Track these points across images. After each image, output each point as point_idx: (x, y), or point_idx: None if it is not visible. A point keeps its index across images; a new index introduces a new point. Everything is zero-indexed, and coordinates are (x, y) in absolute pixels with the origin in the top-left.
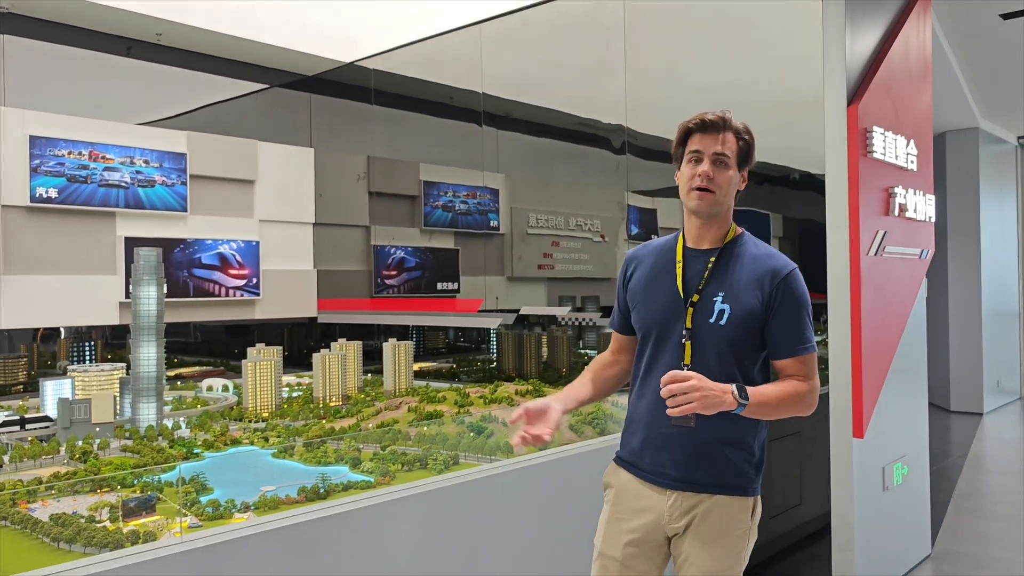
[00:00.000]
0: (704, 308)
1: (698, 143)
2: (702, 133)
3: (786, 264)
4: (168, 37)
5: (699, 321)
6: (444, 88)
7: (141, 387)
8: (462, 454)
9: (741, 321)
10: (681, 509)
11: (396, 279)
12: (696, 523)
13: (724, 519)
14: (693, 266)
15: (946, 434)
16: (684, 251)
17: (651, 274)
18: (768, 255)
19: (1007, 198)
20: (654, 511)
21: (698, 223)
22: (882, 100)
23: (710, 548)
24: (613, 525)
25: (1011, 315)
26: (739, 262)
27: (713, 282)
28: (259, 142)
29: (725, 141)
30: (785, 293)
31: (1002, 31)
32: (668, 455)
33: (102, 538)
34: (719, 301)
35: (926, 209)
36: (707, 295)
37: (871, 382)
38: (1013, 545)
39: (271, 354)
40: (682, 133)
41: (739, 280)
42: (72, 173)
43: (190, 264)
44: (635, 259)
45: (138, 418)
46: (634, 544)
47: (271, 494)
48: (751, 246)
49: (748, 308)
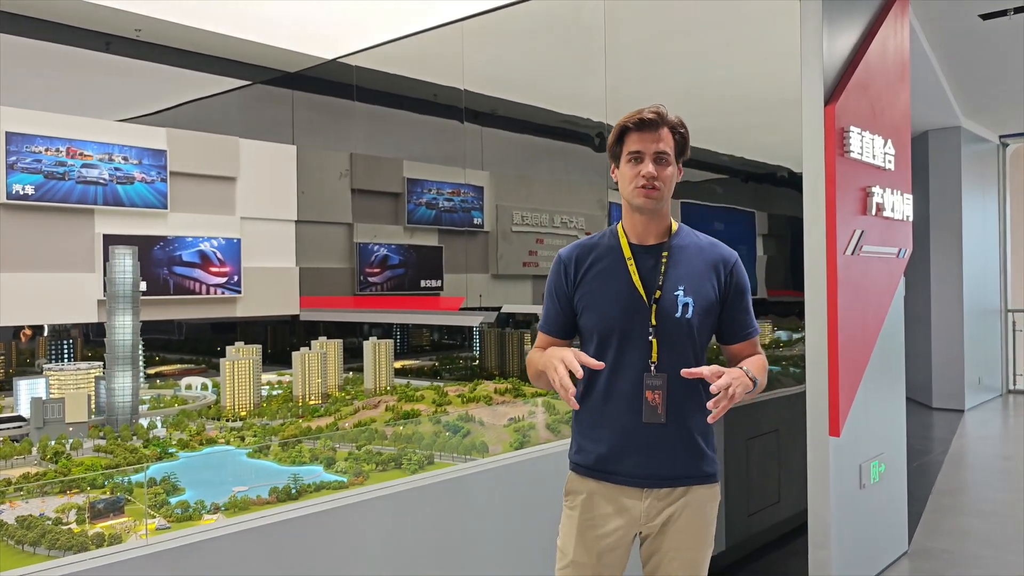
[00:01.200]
0: (667, 303)
1: (637, 142)
2: (640, 132)
3: (731, 253)
4: (147, 33)
5: (664, 317)
6: (427, 85)
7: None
8: (437, 454)
9: (704, 311)
10: (658, 507)
11: (379, 277)
12: (675, 518)
13: (702, 509)
14: (645, 263)
15: (927, 431)
16: (632, 249)
17: (601, 276)
18: (713, 244)
19: (989, 197)
20: (630, 514)
21: (643, 220)
22: (859, 100)
23: (691, 539)
24: (585, 533)
25: (992, 313)
26: (689, 253)
27: (671, 276)
28: (240, 139)
29: (663, 138)
30: (736, 280)
31: (982, 31)
32: (647, 456)
33: (67, 541)
34: (682, 295)
35: (903, 208)
36: (668, 290)
37: (848, 380)
38: (991, 541)
39: (250, 352)
40: (619, 131)
41: (695, 272)
42: (49, 170)
43: (170, 262)
44: (574, 259)
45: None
46: (610, 548)
47: (242, 495)
48: (694, 237)
49: (708, 298)
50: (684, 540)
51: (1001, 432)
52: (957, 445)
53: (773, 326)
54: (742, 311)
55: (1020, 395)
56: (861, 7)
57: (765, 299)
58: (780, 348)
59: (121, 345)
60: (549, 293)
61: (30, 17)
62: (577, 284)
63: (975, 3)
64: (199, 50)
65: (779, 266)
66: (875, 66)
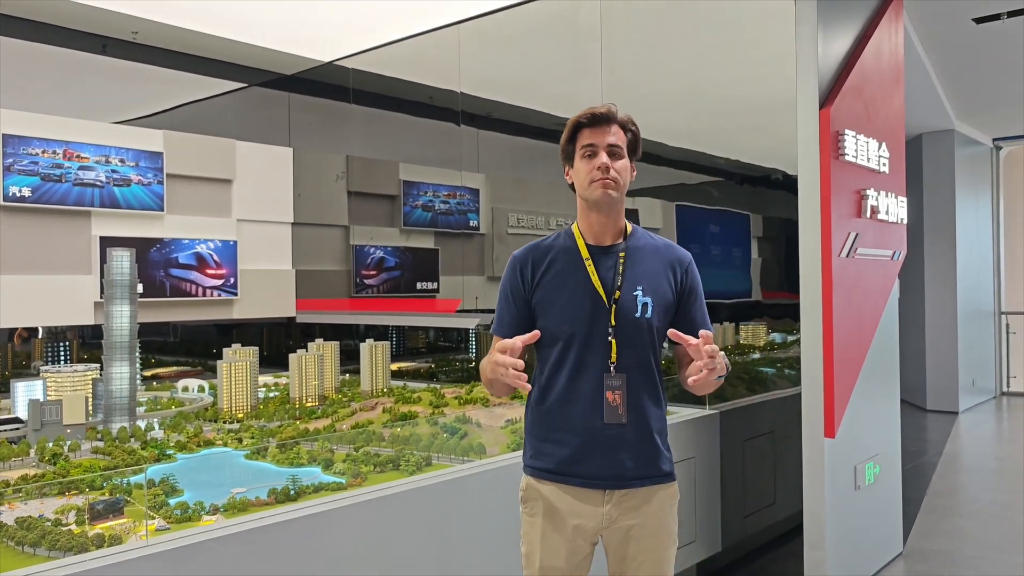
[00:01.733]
0: (627, 304)
1: (590, 137)
2: (592, 127)
3: (686, 253)
4: (144, 35)
5: (623, 317)
6: (423, 87)
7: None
8: (435, 455)
9: (662, 311)
10: (620, 509)
11: (375, 279)
12: (639, 526)
13: (663, 512)
14: (604, 264)
15: (922, 433)
16: (589, 249)
17: (560, 278)
18: (668, 246)
19: (983, 199)
20: (594, 516)
21: (600, 218)
22: (854, 103)
23: (654, 542)
24: (550, 538)
25: (986, 315)
26: (645, 254)
27: (629, 277)
28: (237, 141)
29: (615, 133)
30: (692, 280)
31: (976, 35)
32: (610, 456)
33: (67, 541)
34: (640, 294)
35: (898, 211)
36: (627, 291)
37: (842, 382)
38: (985, 543)
39: (247, 354)
40: (571, 129)
41: (652, 272)
42: (46, 172)
43: (167, 264)
44: (531, 262)
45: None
46: (577, 551)
47: (241, 496)
48: (649, 238)
49: (666, 297)
50: (648, 544)
51: (995, 434)
52: (951, 447)
53: (768, 328)
54: (697, 310)
55: (1014, 397)
56: (855, 11)
57: (760, 301)
58: (776, 350)
59: (119, 334)
60: (504, 295)
61: (27, 19)
62: (535, 286)
63: (969, 6)
64: (196, 52)
65: (774, 268)
66: (869, 69)
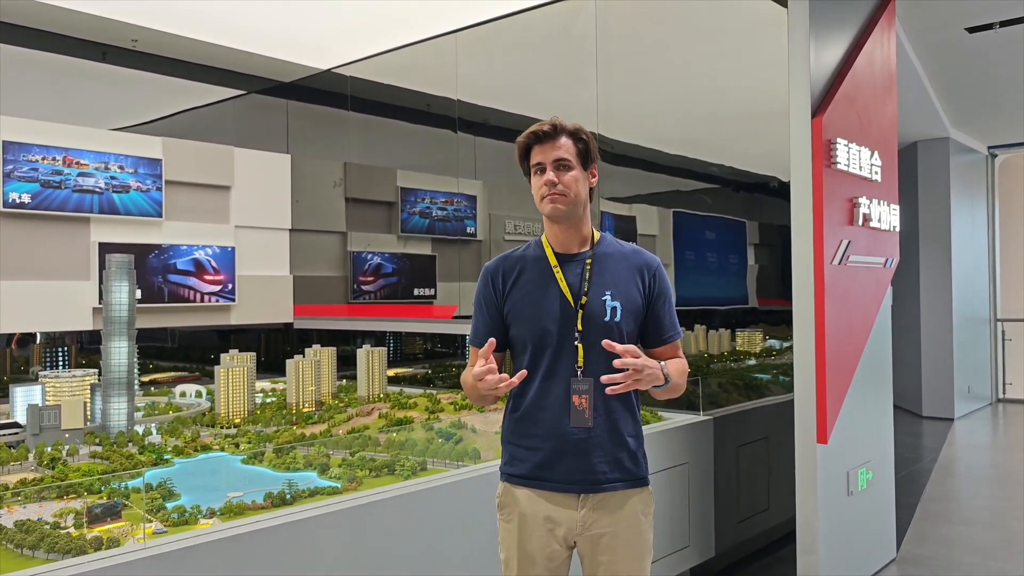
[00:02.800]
0: (595, 308)
1: (538, 154)
2: (539, 144)
3: (653, 258)
4: (144, 43)
5: (592, 322)
6: (420, 95)
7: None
8: (430, 460)
9: (631, 314)
10: (595, 513)
11: (373, 285)
12: (613, 534)
13: (637, 519)
14: (572, 271)
15: (917, 439)
16: (557, 257)
17: (529, 286)
18: (635, 251)
19: (977, 207)
20: (568, 520)
21: (563, 228)
22: (846, 112)
23: (629, 550)
24: (526, 544)
25: (982, 322)
26: (613, 260)
27: (597, 282)
28: (235, 148)
29: (562, 146)
30: (660, 284)
31: (969, 44)
32: (582, 460)
33: (65, 544)
34: (609, 299)
35: (890, 219)
36: (594, 296)
37: (835, 388)
38: (979, 549)
39: (244, 360)
40: (522, 149)
41: (620, 277)
42: (46, 178)
43: (165, 270)
44: (501, 272)
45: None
46: (553, 556)
47: (237, 500)
48: (617, 244)
49: (634, 301)
50: (622, 554)
51: (990, 441)
52: (946, 453)
53: (764, 335)
54: (665, 313)
55: (1009, 404)
56: (848, 20)
57: (756, 308)
58: (773, 356)
59: (117, 369)
60: (478, 306)
61: (28, 27)
62: (506, 295)
63: (961, 16)
64: (195, 60)
65: (770, 275)
66: (862, 78)
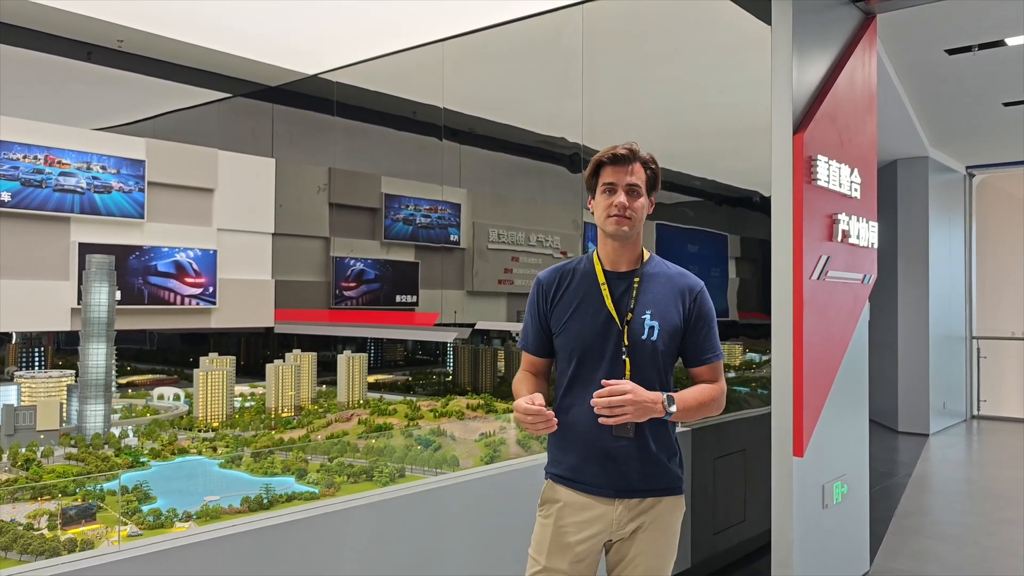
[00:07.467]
0: (636, 326)
1: (611, 175)
2: (614, 166)
3: (697, 282)
4: (129, 43)
5: (633, 338)
6: (406, 102)
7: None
8: (409, 467)
9: (668, 335)
10: (629, 516)
11: (355, 291)
12: (644, 526)
13: (669, 519)
14: (618, 288)
15: (892, 454)
16: (606, 275)
17: (576, 298)
18: (681, 274)
19: (955, 225)
20: (602, 521)
21: (616, 247)
22: (827, 129)
23: (656, 546)
24: (559, 539)
25: (958, 339)
26: (658, 281)
27: (641, 301)
28: (219, 151)
29: (635, 172)
30: (700, 308)
31: (948, 66)
32: (615, 466)
33: (38, 546)
34: (648, 318)
35: (869, 236)
36: (638, 314)
37: (812, 402)
38: (950, 563)
39: (224, 363)
40: (594, 166)
41: (662, 298)
42: (27, 177)
43: (146, 271)
44: (551, 283)
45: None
46: (582, 556)
47: (214, 504)
48: (664, 266)
49: (673, 323)
50: (649, 547)
51: (964, 456)
52: (921, 468)
53: (744, 348)
54: (702, 336)
55: (984, 420)
56: (831, 40)
57: (736, 321)
58: (752, 370)
59: (94, 373)
60: (530, 313)
61: (12, 25)
62: (554, 306)
63: (941, 39)
64: (180, 62)
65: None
66: (843, 97)
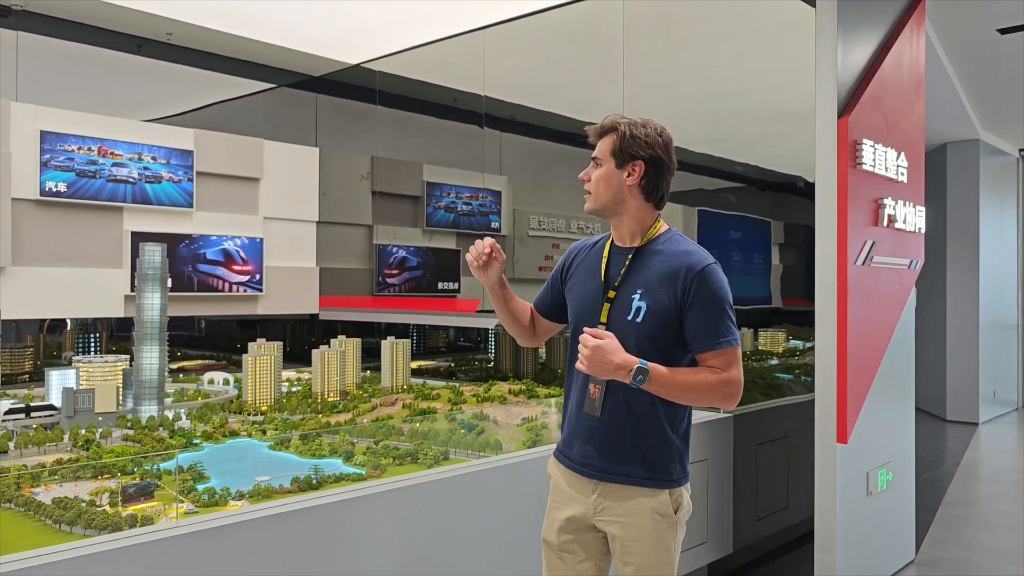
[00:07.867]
0: (622, 305)
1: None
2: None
3: (701, 260)
4: (178, 36)
5: (617, 317)
6: (448, 90)
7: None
8: (452, 450)
9: (657, 318)
10: (605, 500)
11: (397, 278)
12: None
13: (645, 517)
14: (615, 264)
15: (940, 443)
16: (611, 249)
17: (583, 271)
18: (686, 252)
19: (1007, 210)
20: (581, 501)
21: (612, 222)
22: (873, 113)
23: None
24: (550, 513)
25: (1009, 326)
26: (655, 259)
27: (630, 279)
28: (265, 140)
29: (599, 145)
30: (699, 288)
31: (1000, 45)
32: (591, 446)
33: (102, 521)
34: (637, 298)
35: (916, 220)
36: (624, 292)
37: (856, 389)
38: (998, 553)
39: (271, 349)
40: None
41: (653, 277)
42: (81, 168)
43: (195, 259)
44: (576, 252)
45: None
46: (566, 531)
47: (265, 483)
48: (672, 243)
49: (662, 304)
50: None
51: (1014, 446)
52: (969, 457)
53: (788, 335)
54: (703, 320)
55: None
56: (877, 21)
57: (779, 308)
58: (796, 357)
59: (150, 322)
60: (551, 276)
61: (66, 20)
62: (568, 276)
63: (992, 17)
64: (227, 53)
65: (795, 275)
66: (890, 79)
